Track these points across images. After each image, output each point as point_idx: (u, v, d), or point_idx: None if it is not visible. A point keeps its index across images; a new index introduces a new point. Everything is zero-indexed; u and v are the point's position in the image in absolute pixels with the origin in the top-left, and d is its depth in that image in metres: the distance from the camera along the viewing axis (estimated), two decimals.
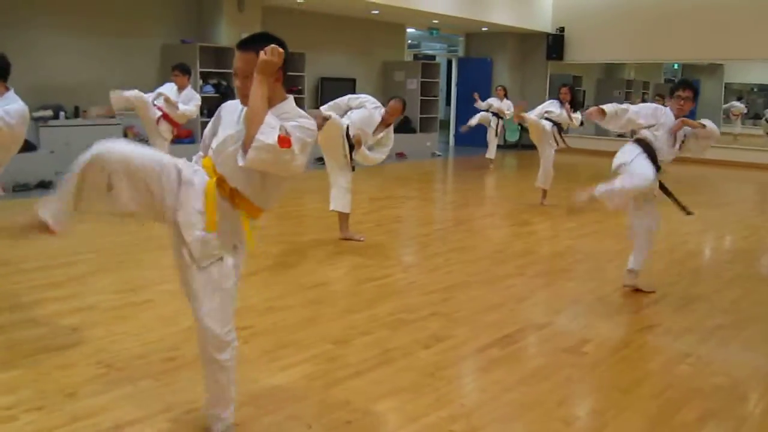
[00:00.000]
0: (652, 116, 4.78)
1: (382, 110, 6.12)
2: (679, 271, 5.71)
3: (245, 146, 2.44)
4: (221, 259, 2.61)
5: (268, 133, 2.38)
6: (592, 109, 4.80)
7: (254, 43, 2.51)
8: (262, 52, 2.42)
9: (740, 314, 4.63)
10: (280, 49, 2.44)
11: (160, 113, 7.51)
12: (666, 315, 4.54)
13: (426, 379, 3.41)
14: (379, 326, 4.12)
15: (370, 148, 6.10)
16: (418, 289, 4.93)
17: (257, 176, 2.56)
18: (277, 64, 2.43)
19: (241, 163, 2.45)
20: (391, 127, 6.27)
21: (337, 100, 6.14)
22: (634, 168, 4.66)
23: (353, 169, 6.12)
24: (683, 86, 4.85)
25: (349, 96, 6.27)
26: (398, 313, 4.38)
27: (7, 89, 4.07)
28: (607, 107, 4.76)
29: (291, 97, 2.65)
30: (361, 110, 6.07)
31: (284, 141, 2.41)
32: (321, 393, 3.20)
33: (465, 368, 3.61)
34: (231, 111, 2.69)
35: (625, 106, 4.86)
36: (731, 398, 3.36)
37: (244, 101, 2.53)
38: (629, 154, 4.76)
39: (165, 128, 7.60)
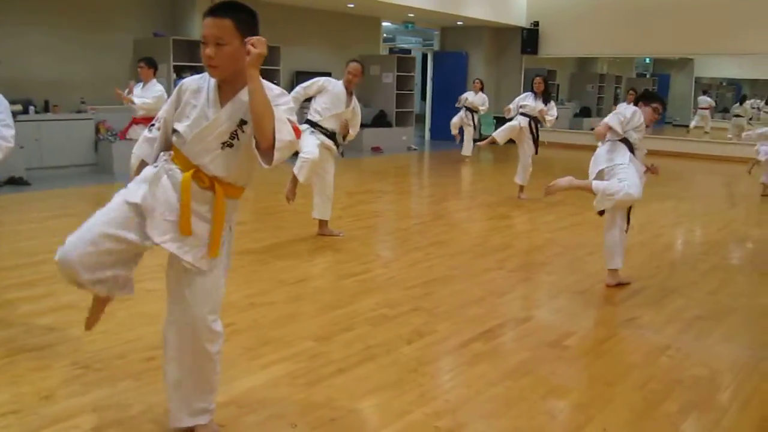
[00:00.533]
0: (638, 119, 4.85)
1: (340, 82, 5.97)
2: (656, 263, 5.76)
3: (261, 146, 2.35)
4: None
5: (284, 130, 2.32)
6: (599, 129, 4.78)
7: (228, 8, 2.35)
8: (250, 46, 2.28)
9: (717, 306, 4.68)
10: (264, 39, 2.30)
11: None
12: (645, 307, 4.57)
13: (409, 375, 3.39)
14: (360, 322, 4.09)
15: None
16: (399, 284, 4.90)
17: (243, 158, 2.48)
18: (264, 54, 2.28)
19: (266, 165, 2.37)
20: (354, 96, 6.09)
21: (293, 95, 5.82)
22: (631, 178, 4.62)
23: (342, 155, 6.09)
24: (662, 103, 4.99)
25: (301, 85, 6.03)
26: (380, 308, 4.35)
27: None
28: (612, 123, 4.76)
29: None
30: (324, 95, 5.92)
31: (296, 130, 2.38)
32: (304, 391, 3.16)
33: (448, 363, 3.59)
34: (195, 92, 2.50)
35: (621, 114, 4.82)
36: (711, 389, 3.39)
37: (213, 72, 2.40)
38: (622, 157, 4.73)
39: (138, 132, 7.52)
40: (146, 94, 7.42)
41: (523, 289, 5.01)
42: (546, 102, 8.58)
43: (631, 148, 4.77)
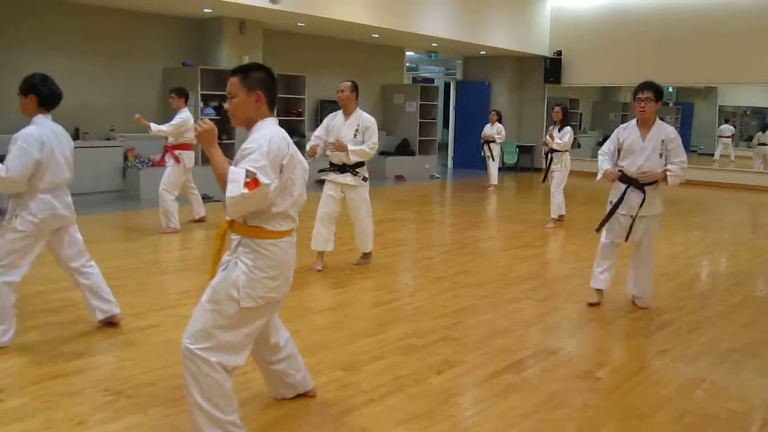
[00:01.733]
0: (612, 142, 5.00)
1: (340, 110, 6.07)
2: (686, 295, 5.68)
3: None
4: None
5: (232, 188, 2.59)
6: (607, 174, 5.01)
7: (240, 69, 2.85)
8: (195, 125, 2.77)
9: (751, 338, 4.59)
10: (208, 121, 2.75)
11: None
12: (677, 339, 4.50)
13: (440, 406, 3.36)
14: (389, 351, 4.08)
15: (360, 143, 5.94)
16: (427, 314, 4.88)
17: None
18: (209, 131, 2.73)
19: (226, 216, 2.75)
20: (359, 112, 6.04)
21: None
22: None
23: (365, 180, 6.05)
24: (641, 87, 4.84)
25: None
26: (408, 338, 4.33)
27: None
28: (605, 164, 5.05)
29: (269, 120, 2.83)
30: (330, 132, 6.01)
31: (252, 183, 2.59)
32: (337, 420, 3.15)
33: (479, 394, 3.55)
34: None
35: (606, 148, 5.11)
36: (748, 424, 3.33)
37: (232, 120, 2.88)
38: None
39: (169, 161, 7.69)
40: (170, 122, 7.61)
41: (552, 320, 4.96)
42: (561, 129, 8.63)
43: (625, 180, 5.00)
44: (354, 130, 5.93)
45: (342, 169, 5.98)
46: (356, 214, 6.11)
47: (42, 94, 3.99)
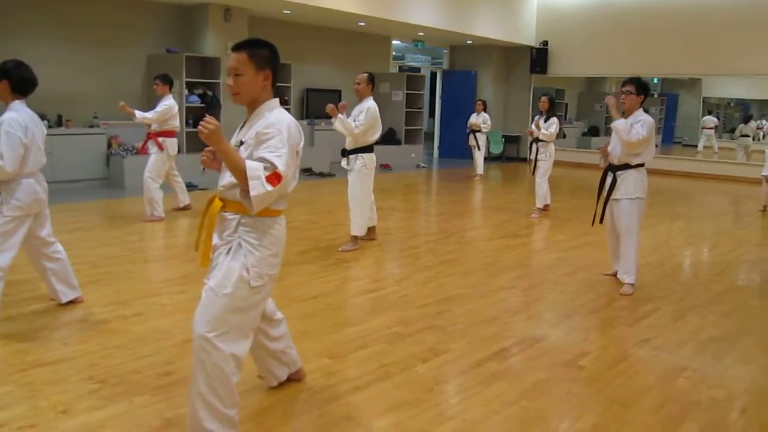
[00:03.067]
0: None
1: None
2: (669, 284, 5.74)
3: (244, 196, 2.58)
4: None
5: (255, 186, 2.52)
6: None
7: (245, 44, 2.71)
8: (199, 131, 2.52)
9: (732, 327, 4.65)
10: (211, 119, 2.52)
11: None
12: (660, 328, 4.55)
13: (426, 393, 3.38)
14: (375, 340, 4.09)
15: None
16: (412, 302, 4.90)
17: None
18: (216, 130, 2.51)
19: (252, 213, 2.62)
20: (367, 101, 6.38)
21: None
22: None
23: (348, 163, 6.34)
24: (625, 82, 5.24)
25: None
26: (394, 326, 4.35)
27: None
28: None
29: (275, 101, 2.77)
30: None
31: (274, 178, 2.55)
32: (321, 408, 3.16)
33: (464, 382, 3.57)
34: None
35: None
36: (728, 411, 3.37)
37: (235, 99, 2.73)
38: None
39: (152, 148, 7.61)
40: (154, 109, 7.56)
41: (537, 309, 4.99)
42: (547, 119, 8.68)
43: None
44: (354, 114, 6.26)
45: (343, 152, 6.33)
46: (349, 196, 6.39)
47: (13, 80, 4.02)
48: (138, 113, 7.50)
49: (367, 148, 6.30)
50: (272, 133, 2.61)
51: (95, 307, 4.51)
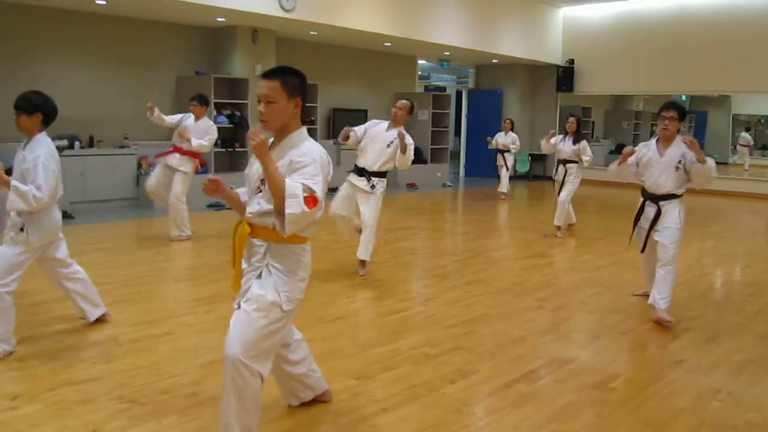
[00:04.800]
0: (635, 154, 5.12)
1: (384, 122, 6.26)
2: (701, 304, 5.64)
3: (277, 215, 2.62)
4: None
5: (292, 205, 2.55)
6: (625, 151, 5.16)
7: (277, 72, 2.73)
8: (249, 141, 2.60)
9: (767, 349, 4.55)
10: (258, 131, 2.60)
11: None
12: (693, 350, 4.46)
13: (454, 416, 3.34)
14: (402, 361, 4.06)
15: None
16: (439, 323, 4.87)
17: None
18: (263, 142, 2.58)
19: (283, 234, 2.62)
20: (402, 129, 6.16)
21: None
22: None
23: (372, 188, 6.04)
24: (666, 107, 4.98)
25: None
26: (421, 347, 4.32)
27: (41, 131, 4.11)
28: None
29: (303, 129, 2.81)
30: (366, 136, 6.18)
31: (311, 201, 2.57)
32: (350, 430, 3.14)
33: (492, 404, 3.53)
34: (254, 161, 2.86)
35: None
36: None
37: (265, 126, 2.73)
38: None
39: (178, 162, 7.57)
40: (203, 137, 7.51)
41: (565, 329, 4.93)
42: (576, 142, 8.51)
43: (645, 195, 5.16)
44: (390, 141, 6.04)
45: (360, 172, 6.03)
46: (363, 219, 6.09)
47: (47, 113, 4.07)
48: (194, 141, 7.42)
49: (386, 173, 6.19)
50: (307, 161, 2.65)
51: (123, 327, 4.55)
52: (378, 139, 6.07)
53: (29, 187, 3.90)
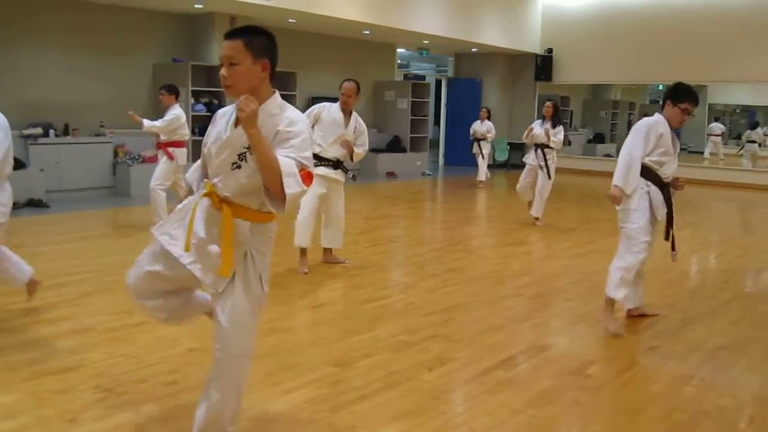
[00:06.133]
0: (647, 140, 4.45)
1: (336, 105, 5.84)
2: (675, 292, 5.72)
3: (271, 193, 2.43)
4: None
5: (292, 184, 2.37)
6: (612, 194, 4.44)
7: (241, 30, 2.47)
8: (238, 110, 2.37)
9: (740, 335, 4.63)
10: (252, 99, 2.38)
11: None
12: (666, 336, 4.53)
13: (432, 402, 3.37)
14: (381, 348, 4.08)
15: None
16: (418, 311, 4.89)
17: (252, 180, 2.51)
18: (253, 113, 2.35)
19: (281, 213, 2.47)
20: (355, 114, 5.92)
21: (304, 138, 5.49)
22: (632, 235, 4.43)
23: (354, 178, 6.00)
24: (695, 101, 4.49)
25: (301, 125, 5.84)
26: (399, 334, 4.34)
27: None
28: (619, 182, 4.42)
29: (276, 94, 2.56)
30: (320, 124, 5.78)
31: (306, 177, 2.42)
32: (327, 417, 3.15)
33: (470, 391, 3.56)
34: (223, 115, 2.64)
35: (630, 154, 4.45)
36: (737, 420, 3.36)
37: (229, 92, 2.49)
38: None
39: (162, 157, 7.60)
40: (162, 119, 7.55)
41: (542, 317, 4.98)
42: (555, 126, 8.50)
43: (654, 179, 4.55)
44: (353, 131, 5.89)
45: (336, 165, 5.90)
46: (336, 211, 5.98)
47: None
48: (146, 122, 7.50)
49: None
50: (295, 132, 2.46)
51: (102, 316, 4.52)
52: (339, 132, 5.79)
53: None
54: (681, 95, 4.48)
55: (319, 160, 5.67)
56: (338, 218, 6.02)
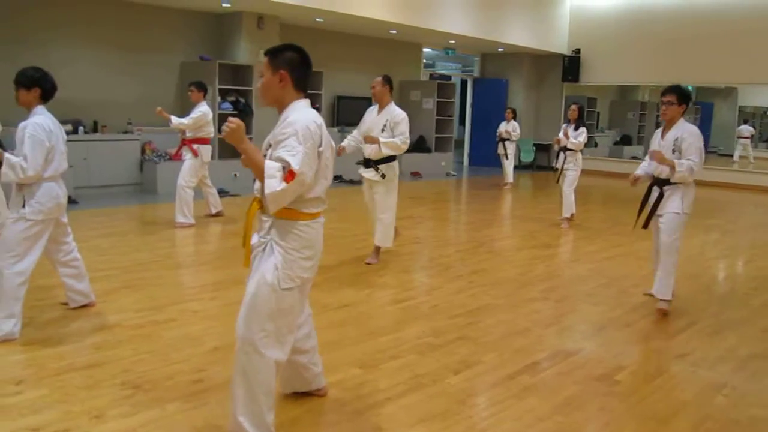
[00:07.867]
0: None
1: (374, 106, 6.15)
2: (705, 297, 5.62)
3: (262, 196, 2.65)
4: None
5: (271, 184, 2.55)
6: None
7: (270, 49, 2.81)
8: (223, 131, 2.61)
9: None
10: (235, 120, 2.58)
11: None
12: (697, 343, 4.45)
13: (457, 406, 3.34)
14: (406, 350, 4.06)
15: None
16: (443, 313, 4.86)
17: None
18: (237, 129, 2.57)
19: (269, 212, 2.70)
20: (391, 107, 6.08)
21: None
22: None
23: (383, 177, 6.04)
24: (665, 92, 4.95)
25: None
26: (425, 336, 4.31)
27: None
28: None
29: (301, 102, 2.79)
30: (363, 124, 6.21)
31: (289, 176, 2.56)
32: (353, 419, 3.14)
33: (496, 395, 3.52)
34: None
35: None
36: None
37: (260, 101, 2.87)
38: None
39: (187, 154, 7.72)
40: (189, 115, 7.66)
41: (569, 321, 4.92)
42: (577, 128, 8.52)
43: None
44: (383, 125, 5.96)
45: (367, 163, 6.02)
46: (378, 209, 6.12)
47: (45, 89, 4.09)
48: (174, 119, 7.59)
49: (394, 157, 6.17)
50: (288, 133, 2.64)
51: (128, 312, 4.55)
52: (372, 127, 6.02)
53: (19, 158, 3.91)
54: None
55: (364, 159, 6.11)
56: (379, 217, 6.13)
